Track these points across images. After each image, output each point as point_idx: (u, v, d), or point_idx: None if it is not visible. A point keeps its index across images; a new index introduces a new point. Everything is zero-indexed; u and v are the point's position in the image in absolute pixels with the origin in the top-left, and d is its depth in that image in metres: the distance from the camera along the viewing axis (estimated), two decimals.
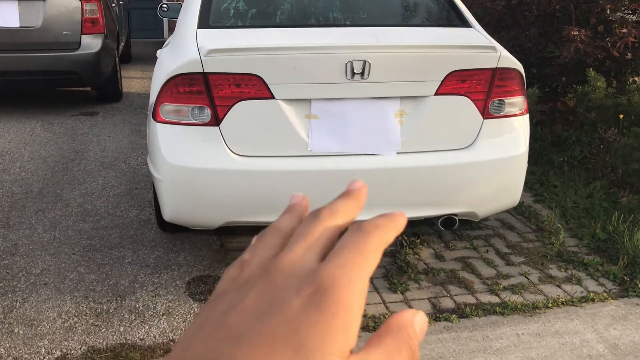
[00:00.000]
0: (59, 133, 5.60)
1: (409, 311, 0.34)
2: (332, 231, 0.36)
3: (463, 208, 2.93)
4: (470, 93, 2.83)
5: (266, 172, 2.72)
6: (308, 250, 0.34)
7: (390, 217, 0.37)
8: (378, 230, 0.35)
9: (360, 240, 0.34)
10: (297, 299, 0.31)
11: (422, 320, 0.34)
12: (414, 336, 0.33)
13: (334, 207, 0.37)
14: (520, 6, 5.47)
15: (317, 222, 0.36)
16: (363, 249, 0.33)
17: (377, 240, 0.34)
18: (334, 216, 0.36)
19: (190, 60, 2.67)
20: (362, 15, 3.25)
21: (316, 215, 0.36)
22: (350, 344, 0.30)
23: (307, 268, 0.33)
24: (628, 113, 4.42)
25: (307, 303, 0.30)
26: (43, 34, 5.86)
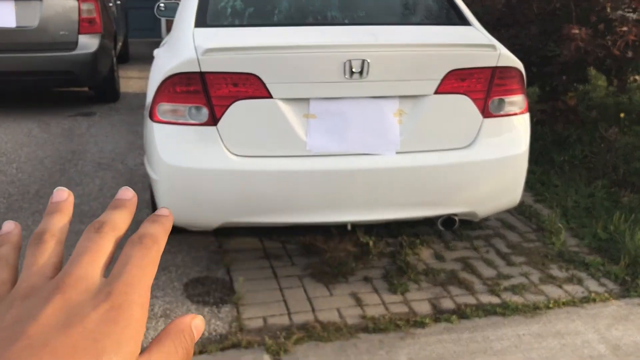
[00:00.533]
0: (56, 133, 5.57)
1: (187, 316, 0.39)
2: (113, 245, 0.39)
3: (463, 208, 2.90)
4: (470, 92, 2.81)
5: (264, 172, 2.69)
6: (93, 265, 0.36)
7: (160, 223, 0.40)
8: (156, 244, 0.38)
9: (143, 255, 0.37)
10: (94, 314, 0.34)
11: (199, 324, 0.39)
12: (190, 338, 0.38)
13: (113, 220, 0.39)
14: (520, 4, 5.43)
15: (100, 237, 0.38)
16: (145, 264, 0.37)
17: (156, 253, 0.38)
18: (114, 230, 0.39)
19: (187, 60, 2.64)
20: (361, 14, 3.22)
21: (98, 229, 0.39)
22: (138, 347, 0.35)
23: (97, 283, 0.36)
24: (629, 111, 4.40)
25: (104, 318, 0.34)
26: (40, 34, 5.82)
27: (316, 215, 2.79)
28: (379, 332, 2.67)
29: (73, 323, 0.33)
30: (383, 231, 3.59)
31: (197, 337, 0.39)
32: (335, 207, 2.78)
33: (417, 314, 2.82)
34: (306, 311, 2.83)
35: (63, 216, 0.41)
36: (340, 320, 2.75)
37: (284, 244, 3.47)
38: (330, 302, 2.90)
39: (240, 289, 2.99)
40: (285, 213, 2.76)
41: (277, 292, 2.99)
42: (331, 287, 3.03)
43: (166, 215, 0.42)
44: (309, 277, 3.13)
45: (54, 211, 0.41)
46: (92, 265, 0.37)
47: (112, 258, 0.38)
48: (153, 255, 0.38)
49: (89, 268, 0.36)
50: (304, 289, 3.01)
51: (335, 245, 3.37)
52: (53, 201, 0.42)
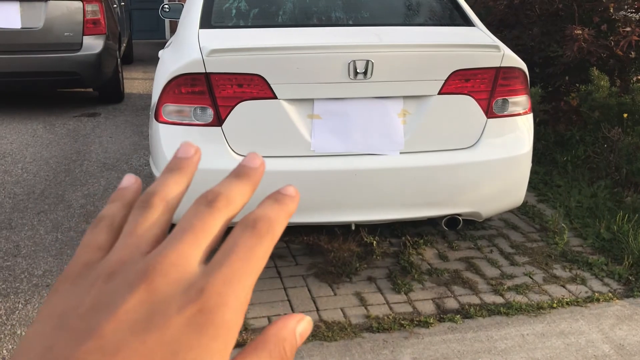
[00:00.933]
0: (61, 134, 5.60)
1: (290, 320, 0.32)
2: (223, 224, 0.32)
3: (467, 208, 2.91)
4: (473, 92, 2.82)
5: (269, 172, 2.70)
6: (194, 248, 0.30)
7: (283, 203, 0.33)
8: (272, 231, 0.31)
9: (253, 244, 0.31)
10: (178, 317, 0.28)
11: (305, 328, 0.32)
12: (291, 349, 0.31)
13: (230, 194, 0.32)
14: (522, 5, 5.45)
15: (211, 213, 0.31)
16: (254, 255, 0.30)
17: (269, 242, 0.31)
18: (229, 206, 0.32)
19: (193, 61, 2.66)
20: (365, 15, 3.24)
21: (210, 203, 0.32)
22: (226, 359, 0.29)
23: (192, 274, 0.29)
24: (632, 112, 4.40)
25: (189, 323, 0.28)
26: (45, 35, 5.85)
27: (320, 215, 2.80)
28: (383, 332, 2.69)
29: (152, 326, 0.28)
30: (387, 231, 3.61)
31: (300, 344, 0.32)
32: (339, 207, 2.79)
33: (421, 314, 2.83)
34: (310, 311, 2.84)
35: (182, 178, 0.34)
36: (345, 320, 2.77)
37: (288, 244, 3.49)
38: (334, 302, 2.92)
39: None
40: None
41: (281, 291, 3.00)
42: (335, 287, 3.05)
43: (292, 196, 0.34)
44: (313, 276, 3.14)
45: (174, 168, 0.34)
46: (192, 248, 0.30)
47: (218, 241, 0.32)
48: (266, 245, 0.31)
49: (188, 252, 0.30)
50: (308, 289, 3.03)
51: (339, 245, 3.38)
52: (177, 156, 0.35)
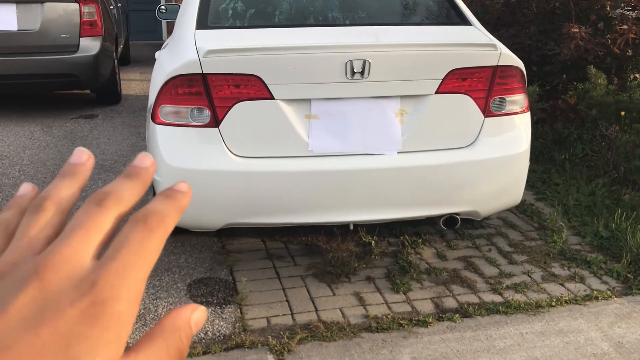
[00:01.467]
0: (59, 136, 5.59)
1: (185, 310, 0.33)
2: (114, 221, 0.33)
3: (465, 207, 2.91)
4: (471, 91, 2.82)
5: (266, 173, 2.70)
6: (85, 244, 0.31)
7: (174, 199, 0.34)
8: (162, 225, 0.32)
9: (144, 238, 0.31)
10: (71, 310, 0.29)
11: (200, 317, 0.34)
12: (186, 337, 0.33)
13: (120, 193, 0.33)
14: (519, 4, 5.45)
15: (100, 211, 0.32)
16: (145, 249, 0.31)
17: (161, 236, 0.32)
18: (119, 204, 0.33)
19: (189, 61, 2.65)
20: (362, 15, 3.23)
21: (100, 202, 0.33)
22: (120, 351, 0.30)
23: (83, 268, 0.30)
24: (629, 110, 4.40)
25: (82, 316, 0.29)
26: (41, 37, 5.84)
27: (318, 215, 2.80)
28: (382, 332, 2.68)
29: (45, 320, 0.28)
30: (385, 231, 3.60)
31: (195, 332, 0.34)
32: (338, 207, 2.79)
33: (420, 313, 2.83)
34: (309, 311, 2.84)
35: (74, 182, 0.35)
36: (344, 320, 2.76)
37: (287, 244, 3.48)
38: (333, 302, 2.91)
39: (244, 289, 3.00)
40: (287, 213, 2.78)
41: (280, 292, 3.00)
42: (334, 287, 3.04)
43: (183, 192, 0.35)
44: (311, 277, 3.14)
45: (65, 174, 0.36)
46: (83, 244, 0.31)
47: (110, 237, 0.33)
48: (157, 239, 0.32)
49: (79, 248, 0.31)
50: (306, 289, 3.03)
51: (337, 245, 3.38)
52: (69, 162, 0.36)
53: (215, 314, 2.81)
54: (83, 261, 0.30)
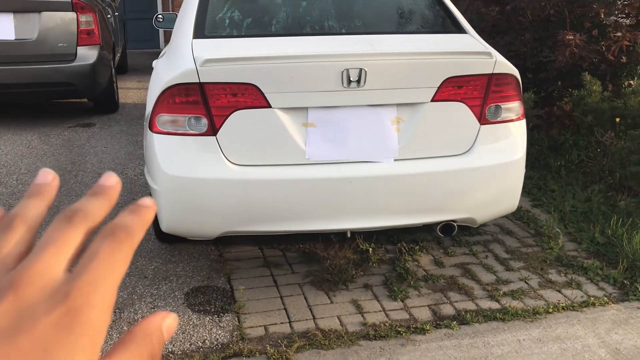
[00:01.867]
0: (56, 145, 5.60)
1: (155, 317, 0.35)
2: (83, 236, 0.35)
3: (461, 214, 2.92)
4: (466, 99, 2.84)
5: (264, 181, 2.71)
6: (57, 259, 0.33)
7: (139, 213, 0.36)
8: (129, 237, 0.35)
9: (113, 250, 0.34)
10: (47, 319, 0.30)
11: (171, 324, 0.36)
12: (158, 343, 0.34)
13: (87, 209, 0.36)
14: (514, 11, 5.48)
15: (69, 227, 0.34)
16: (114, 260, 0.33)
17: (128, 247, 0.34)
18: (87, 220, 0.35)
19: (186, 71, 2.67)
20: (357, 23, 3.26)
21: (69, 219, 0.35)
22: (95, 357, 0.31)
23: (57, 280, 0.32)
24: (624, 116, 4.43)
25: (57, 324, 0.30)
26: (39, 46, 5.86)
27: (316, 223, 2.81)
28: (380, 339, 2.69)
29: (22, 329, 0.30)
30: (382, 238, 3.61)
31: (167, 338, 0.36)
32: (335, 215, 2.80)
33: (418, 321, 2.84)
34: (307, 319, 2.85)
35: (41, 201, 0.37)
36: (341, 328, 2.77)
37: (284, 252, 3.49)
38: (330, 310, 2.92)
39: (241, 297, 3.01)
40: (285, 221, 2.78)
41: (277, 300, 3.00)
42: (331, 295, 3.05)
43: (147, 206, 0.37)
44: (309, 284, 3.15)
45: (32, 194, 0.37)
46: (55, 259, 0.33)
47: (80, 251, 0.35)
48: (125, 250, 0.34)
49: (51, 262, 0.33)
50: (304, 297, 3.03)
51: (335, 253, 3.38)
52: (35, 183, 0.38)
53: (213, 323, 2.81)
54: (56, 274, 0.32)
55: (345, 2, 3.39)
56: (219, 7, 3.26)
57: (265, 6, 3.32)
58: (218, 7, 3.26)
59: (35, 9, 5.83)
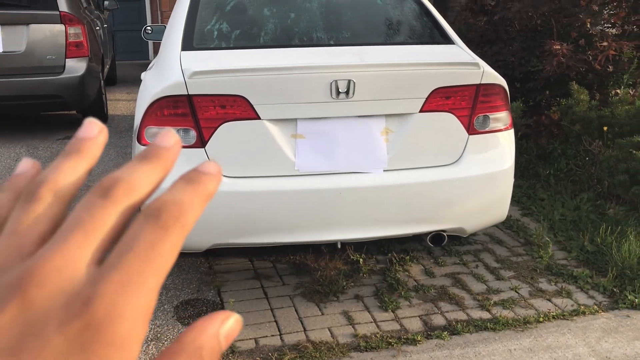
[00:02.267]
0: (45, 157, 5.56)
1: (211, 323, 0.27)
2: (122, 217, 0.26)
3: (451, 224, 2.92)
4: (454, 109, 2.85)
5: (253, 193, 2.70)
6: (83, 249, 0.25)
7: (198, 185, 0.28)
8: (180, 221, 0.26)
9: (155, 239, 0.25)
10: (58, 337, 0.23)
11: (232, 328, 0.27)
12: (211, 356, 0.26)
13: (132, 180, 0.27)
14: (502, 21, 5.53)
15: (104, 205, 0.26)
16: (157, 254, 0.25)
17: (178, 235, 0.26)
18: (129, 195, 0.27)
19: (175, 83, 2.66)
20: (346, 35, 3.27)
21: (105, 192, 0.26)
22: None
23: (78, 280, 0.24)
24: (612, 125, 4.46)
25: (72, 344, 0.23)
26: (27, 58, 5.83)
27: (306, 234, 2.80)
28: (371, 351, 2.68)
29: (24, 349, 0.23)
30: (373, 248, 3.61)
31: (226, 347, 0.27)
32: (325, 226, 2.79)
33: (409, 331, 2.83)
34: (298, 331, 2.83)
35: (79, 162, 0.29)
36: (332, 340, 2.76)
37: (275, 264, 3.47)
38: (321, 322, 2.91)
39: (231, 310, 2.98)
40: (275, 233, 2.78)
41: (268, 312, 2.99)
42: (322, 306, 3.04)
43: (211, 174, 0.28)
44: (300, 296, 3.13)
45: (70, 152, 0.29)
46: (81, 249, 0.25)
47: (117, 237, 0.26)
48: (173, 240, 0.26)
49: (75, 254, 0.25)
50: (295, 309, 3.02)
51: (325, 264, 3.37)
52: (77, 137, 0.30)
53: None
54: (78, 271, 0.25)
55: (334, 14, 3.40)
56: (208, 19, 3.26)
57: (253, 18, 3.33)
58: (206, 19, 3.26)
59: (23, 22, 5.81)
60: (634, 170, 3.93)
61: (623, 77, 4.79)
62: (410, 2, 3.57)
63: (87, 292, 0.24)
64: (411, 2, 3.57)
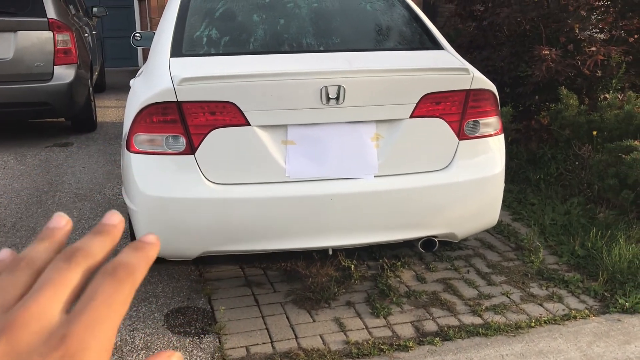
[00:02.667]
0: (33, 165, 5.51)
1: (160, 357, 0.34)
2: (83, 276, 0.34)
3: (442, 229, 2.92)
4: (445, 115, 2.85)
5: (244, 199, 2.69)
6: (54, 300, 0.32)
7: (142, 251, 0.35)
8: (131, 276, 0.33)
9: (112, 290, 0.32)
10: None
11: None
12: None
13: (89, 248, 0.35)
14: (491, 27, 5.55)
15: (69, 267, 0.33)
16: (114, 300, 0.32)
17: (130, 287, 0.33)
18: (87, 259, 0.34)
19: (164, 90, 2.64)
20: (336, 41, 3.26)
21: (68, 258, 0.34)
22: None
23: (53, 323, 0.31)
24: (601, 129, 4.49)
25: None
26: (15, 65, 5.79)
27: (297, 241, 2.78)
28: (363, 357, 2.66)
29: None
30: (364, 254, 3.60)
31: None
32: (316, 232, 2.78)
33: (401, 338, 2.82)
34: (289, 339, 2.81)
35: (50, 245, 0.36)
36: (324, 347, 2.74)
37: (265, 271, 3.45)
38: (313, 329, 2.89)
39: (222, 318, 2.96)
40: (266, 240, 2.76)
41: (259, 320, 2.97)
42: (314, 313, 3.02)
43: (152, 243, 0.36)
44: (291, 303, 3.11)
45: (43, 238, 0.37)
46: (52, 300, 0.32)
47: (79, 292, 0.33)
48: (126, 290, 0.33)
49: (48, 304, 0.32)
50: (286, 316, 3.00)
51: (317, 270, 3.36)
52: (48, 226, 0.38)
53: (194, 345, 2.76)
54: (52, 316, 0.31)
55: (323, 20, 3.40)
56: (197, 25, 3.25)
57: (243, 24, 3.32)
58: (195, 25, 3.25)
59: (11, 29, 5.77)
60: (624, 174, 3.95)
61: (611, 82, 4.82)
62: (400, 8, 3.58)
63: (62, 331, 0.31)
64: (400, 8, 3.58)
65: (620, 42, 4.90)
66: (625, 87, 5.02)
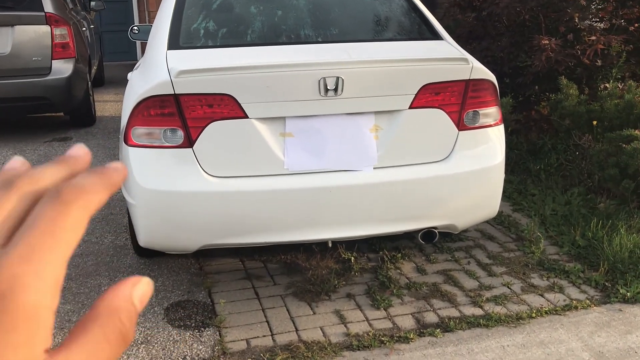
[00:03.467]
0: (32, 160, 5.50)
1: (125, 286, 0.29)
2: (24, 202, 0.28)
3: (442, 221, 2.91)
4: (444, 105, 2.83)
5: (242, 192, 2.68)
6: None
7: (99, 175, 0.30)
8: (81, 198, 0.28)
9: (57, 214, 0.27)
10: None
11: (144, 291, 0.29)
12: (128, 318, 0.28)
13: (35, 174, 0.29)
14: (490, 17, 5.52)
15: (9, 193, 0.28)
16: (58, 227, 0.26)
17: (80, 210, 0.27)
18: (31, 184, 0.29)
19: (161, 82, 2.63)
20: (334, 32, 3.24)
21: (9, 184, 0.29)
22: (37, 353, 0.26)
23: None
24: (601, 119, 4.47)
25: None
26: (12, 60, 5.77)
27: (297, 233, 2.77)
28: (364, 350, 2.66)
29: None
30: (364, 246, 3.59)
31: (141, 309, 0.29)
32: (316, 225, 2.77)
33: (401, 329, 2.81)
34: (289, 331, 2.81)
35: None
36: (324, 339, 2.73)
37: (266, 264, 3.45)
38: (313, 321, 2.88)
39: (222, 311, 2.96)
40: (265, 233, 2.75)
41: (259, 312, 2.96)
42: (314, 306, 3.01)
43: (115, 168, 0.31)
44: (291, 296, 3.11)
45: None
46: None
47: (20, 221, 0.28)
48: (73, 214, 0.27)
49: None
50: (286, 309, 2.99)
51: (317, 263, 3.35)
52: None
53: (194, 338, 2.76)
54: None
55: (321, 10, 3.37)
56: (194, 17, 3.23)
57: (240, 16, 3.30)
58: (193, 17, 3.22)
59: (8, 23, 5.74)
60: (624, 164, 3.93)
61: (611, 71, 4.80)
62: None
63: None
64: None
65: (621, 31, 4.87)
66: (625, 76, 5.00)
